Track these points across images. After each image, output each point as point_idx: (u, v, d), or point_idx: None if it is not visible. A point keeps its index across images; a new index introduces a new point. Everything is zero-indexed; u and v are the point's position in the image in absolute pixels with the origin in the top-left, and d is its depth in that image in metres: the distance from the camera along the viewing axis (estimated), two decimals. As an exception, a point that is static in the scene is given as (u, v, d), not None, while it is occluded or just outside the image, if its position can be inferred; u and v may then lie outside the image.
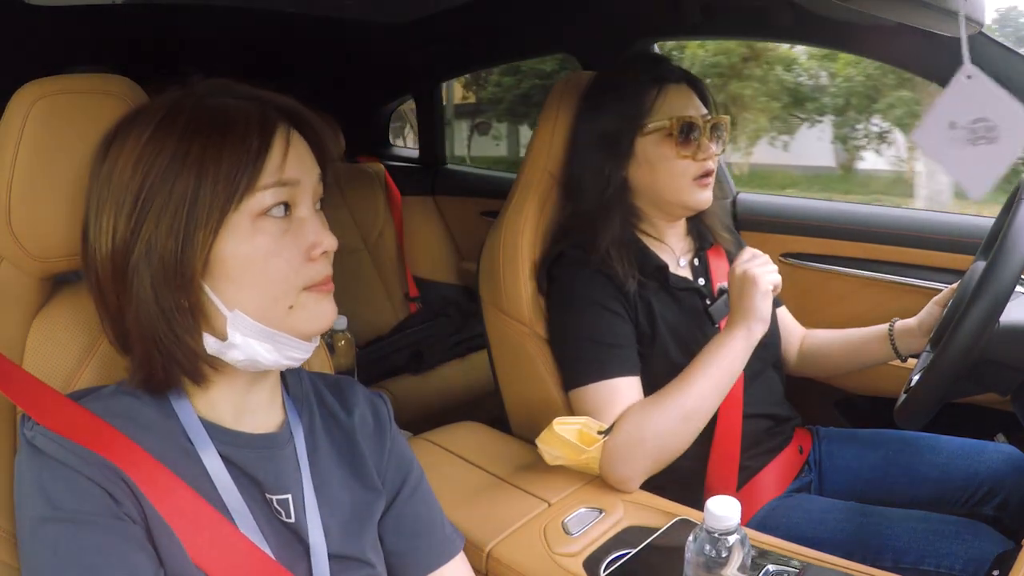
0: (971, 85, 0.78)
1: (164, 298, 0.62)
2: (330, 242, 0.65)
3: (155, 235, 0.61)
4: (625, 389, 1.07)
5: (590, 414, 1.07)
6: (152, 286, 0.62)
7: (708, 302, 1.19)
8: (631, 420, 1.03)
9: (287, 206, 0.64)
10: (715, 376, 1.04)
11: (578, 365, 1.10)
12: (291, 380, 0.77)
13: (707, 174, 1.13)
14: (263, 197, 0.62)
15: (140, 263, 0.61)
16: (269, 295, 0.63)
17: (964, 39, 0.78)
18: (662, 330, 1.12)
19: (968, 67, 0.77)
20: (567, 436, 1.04)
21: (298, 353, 0.67)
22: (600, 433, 1.04)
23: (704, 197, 1.15)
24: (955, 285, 1.12)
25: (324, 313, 0.67)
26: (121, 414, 0.64)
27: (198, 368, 0.65)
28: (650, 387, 1.08)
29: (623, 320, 1.10)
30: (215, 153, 0.60)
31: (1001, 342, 0.91)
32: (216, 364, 0.67)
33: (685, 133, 1.11)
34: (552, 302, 1.18)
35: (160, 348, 0.63)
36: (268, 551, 0.65)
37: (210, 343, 0.64)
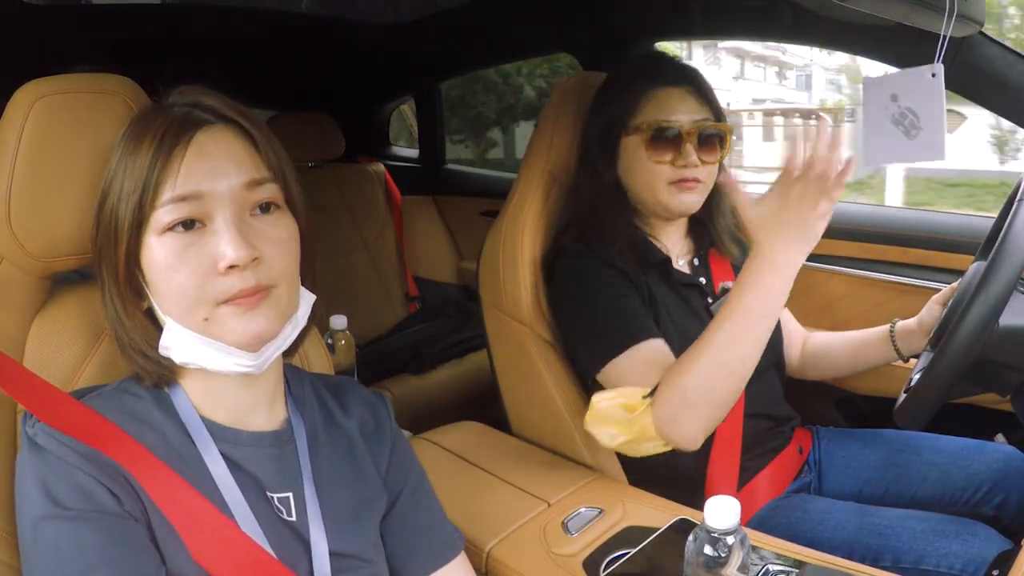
0: (928, 81, 0.80)
1: (115, 298, 0.66)
2: (235, 255, 0.60)
3: (102, 240, 0.66)
4: (659, 348, 1.03)
5: (630, 384, 1.01)
6: (108, 287, 0.66)
7: (710, 300, 1.19)
8: (669, 377, 0.97)
9: (197, 220, 0.62)
10: (750, 313, 0.92)
11: (602, 341, 1.06)
12: (293, 381, 0.77)
13: (686, 180, 1.10)
14: (161, 215, 0.62)
15: (101, 265, 0.66)
16: (181, 307, 0.63)
17: (944, 39, 0.80)
18: (665, 323, 1.11)
19: (937, 66, 0.79)
20: (611, 411, 0.99)
21: (243, 360, 0.64)
22: (644, 398, 0.98)
23: (687, 201, 1.12)
24: (955, 284, 1.12)
25: (242, 328, 0.63)
26: (122, 412, 0.65)
27: (154, 368, 0.67)
28: None
29: (635, 297, 1.09)
30: (131, 169, 0.63)
31: (1001, 342, 0.91)
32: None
33: (659, 137, 1.09)
34: (557, 296, 1.17)
35: (123, 346, 0.67)
36: (269, 549, 0.65)
37: (159, 348, 0.66)
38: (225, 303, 0.62)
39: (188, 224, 0.62)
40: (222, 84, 0.69)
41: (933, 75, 0.80)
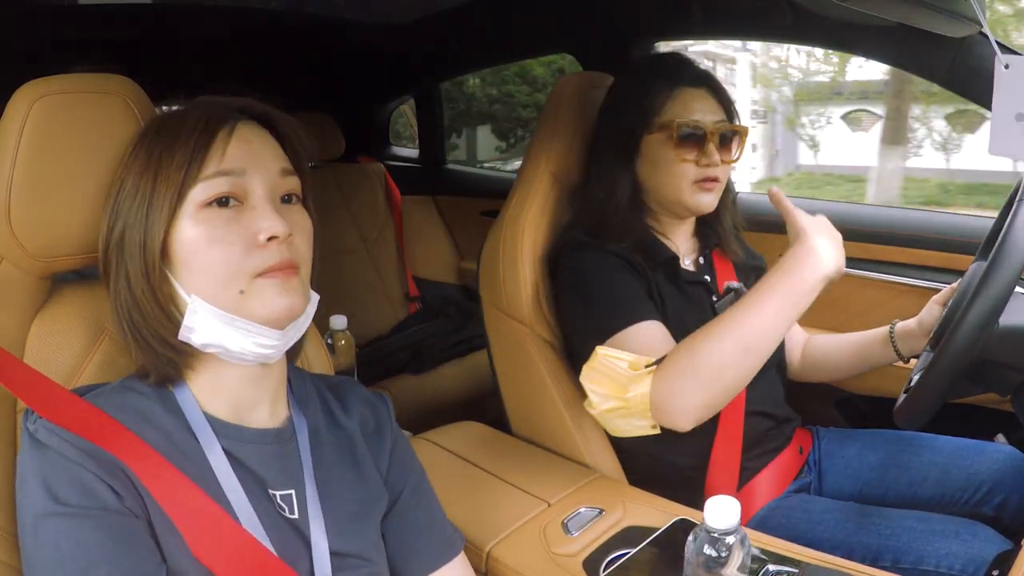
0: (1013, 73, 0.76)
1: (135, 286, 0.66)
2: (274, 227, 0.64)
3: (125, 228, 0.66)
4: (661, 330, 1.03)
5: None
6: (125, 276, 0.66)
7: (714, 299, 1.19)
8: (682, 347, 0.97)
9: (234, 198, 0.65)
10: (778, 295, 0.93)
11: (603, 321, 1.05)
12: (295, 380, 0.78)
13: (708, 179, 1.12)
14: (204, 188, 0.64)
15: (115, 254, 0.67)
16: (218, 280, 0.64)
17: (990, 34, 0.77)
18: (671, 320, 1.11)
19: (1002, 57, 0.76)
20: (613, 365, 0.98)
21: (267, 340, 0.66)
22: (647, 366, 0.97)
23: (705, 200, 1.14)
24: (955, 284, 1.12)
25: (276, 300, 0.65)
26: (124, 409, 0.65)
27: (173, 358, 0.67)
28: None
29: (639, 283, 1.09)
30: (169, 152, 0.65)
31: (1001, 342, 0.91)
32: (205, 356, 0.68)
33: (687, 137, 1.11)
34: (562, 286, 1.17)
35: (137, 337, 0.67)
36: (270, 547, 0.65)
37: (181, 330, 0.66)
38: (262, 275, 0.64)
39: (223, 202, 0.65)
40: (222, 84, 0.70)
41: (1007, 66, 0.77)
